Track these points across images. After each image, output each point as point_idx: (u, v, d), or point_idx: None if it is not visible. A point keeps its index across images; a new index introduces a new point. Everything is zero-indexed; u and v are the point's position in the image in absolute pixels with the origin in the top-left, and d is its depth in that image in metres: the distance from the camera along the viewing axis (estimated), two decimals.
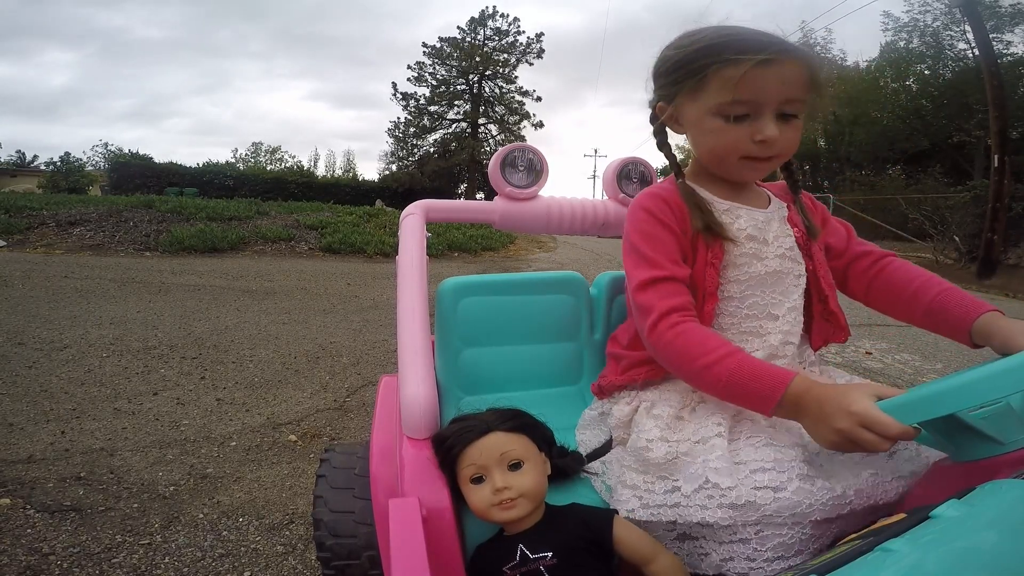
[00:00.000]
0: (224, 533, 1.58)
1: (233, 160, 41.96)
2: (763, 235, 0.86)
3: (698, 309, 0.82)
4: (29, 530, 1.54)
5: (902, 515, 0.47)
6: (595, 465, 0.89)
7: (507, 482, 0.77)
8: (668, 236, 0.83)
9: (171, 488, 1.80)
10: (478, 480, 0.79)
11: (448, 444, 0.81)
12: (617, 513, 0.80)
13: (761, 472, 0.68)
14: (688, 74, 0.79)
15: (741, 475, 0.69)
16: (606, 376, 0.97)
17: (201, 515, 1.66)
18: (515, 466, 0.79)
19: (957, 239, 10.27)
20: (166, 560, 1.45)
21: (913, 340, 4.12)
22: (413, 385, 0.90)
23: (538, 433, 0.86)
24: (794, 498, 0.66)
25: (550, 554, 0.75)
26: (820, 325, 0.91)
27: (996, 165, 8.97)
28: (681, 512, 0.71)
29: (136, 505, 1.69)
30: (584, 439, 0.97)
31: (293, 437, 2.21)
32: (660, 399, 0.84)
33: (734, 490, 0.67)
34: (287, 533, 1.59)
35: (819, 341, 0.92)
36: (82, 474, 1.85)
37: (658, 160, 1.20)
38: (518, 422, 0.84)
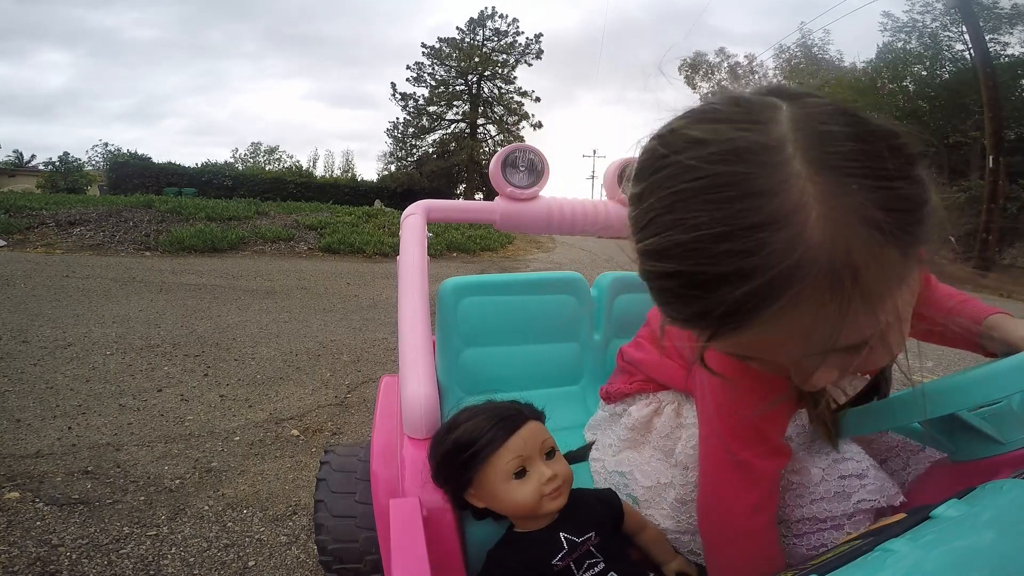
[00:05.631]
0: (229, 524, 1.62)
1: (232, 160, 41.93)
2: None
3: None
4: (39, 523, 1.57)
5: (902, 515, 0.46)
6: (614, 477, 0.88)
7: (554, 469, 0.75)
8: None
9: (177, 481, 1.84)
10: (520, 474, 0.74)
11: (484, 440, 0.74)
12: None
13: (843, 461, 0.68)
14: None
15: (823, 465, 0.68)
16: (614, 384, 0.94)
17: (206, 507, 1.70)
18: (549, 454, 0.77)
19: (952, 239, 10.30)
20: (173, 551, 1.49)
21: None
22: (414, 385, 0.89)
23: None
24: (876, 483, 0.67)
25: (592, 533, 0.75)
26: None
27: (991, 166, 9.03)
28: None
29: (143, 498, 1.73)
30: (592, 437, 0.98)
31: (295, 432, 2.25)
32: (685, 400, 0.82)
33: (821, 485, 0.67)
34: (290, 524, 1.63)
35: None
36: (89, 468, 1.89)
37: None
38: (539, 410, 0.82)
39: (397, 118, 34.76)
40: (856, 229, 0.37)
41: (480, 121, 33.03)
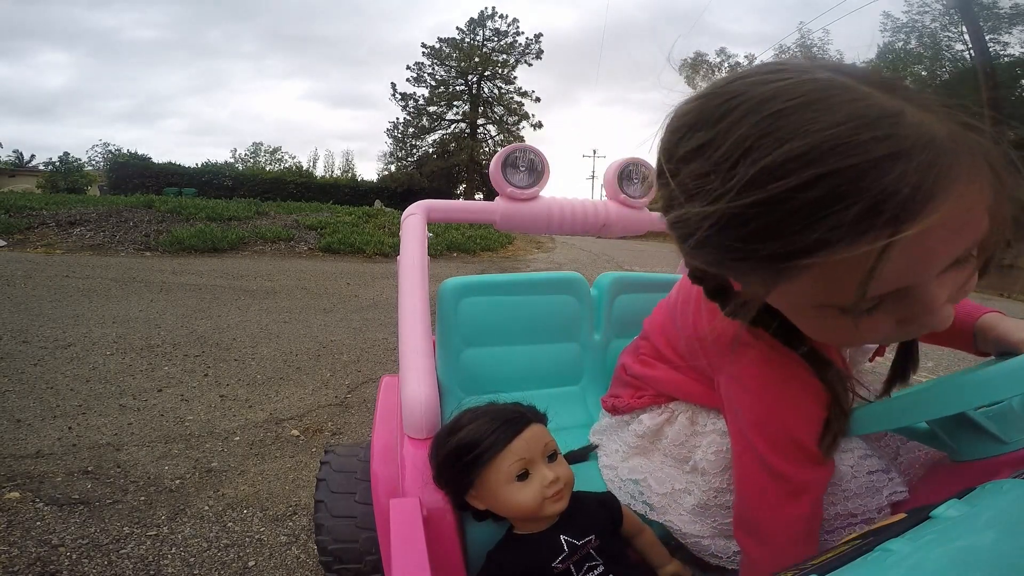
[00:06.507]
0: (229, 524, 1.62)
1: (232, 160, 42.00)
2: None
3: None
4: (39, 523, 1.57)
5: (902, 515, 0.46)
6: (628, 485, 0.87)
7: (556, 472, 0.75)
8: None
9: (177, 481, 1.84)
10: (523, 476, 0.74)
11: (487, 443, 0.74)
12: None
13: (867, 458, 0.69)
14: None
15: (850, 463, 0.68)
16: (621, 398, 0.93)
17: (207, 507, 1.70)
18: (551, 457, 0.77)
19: None
20: (173, 551, 1.49)
21: None
22: (414, 384, 0.89)
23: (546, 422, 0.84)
24: (898, 476, 0.68)
25: (593, 536, 0.75)
26: None
27: None
28: None
29: (143, 498, 1.73)
30: (598, 442, 0.97)
31: (295, 432, 2.25)
32: (699, 409, 0.81)
33: (852, 481, 0.67)
34: (290, 524, 1.63)
35: None
36: (90, 468, 1.89)
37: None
38: (541, 413, 0.82)
39: (397, 118, 34.90)
40: (956, 120, 0.39)
41: (480, 121, 33.05)
